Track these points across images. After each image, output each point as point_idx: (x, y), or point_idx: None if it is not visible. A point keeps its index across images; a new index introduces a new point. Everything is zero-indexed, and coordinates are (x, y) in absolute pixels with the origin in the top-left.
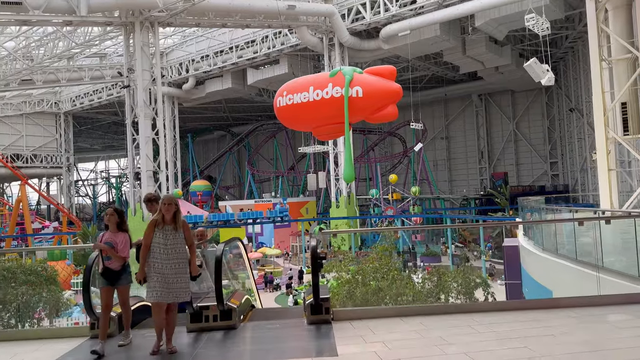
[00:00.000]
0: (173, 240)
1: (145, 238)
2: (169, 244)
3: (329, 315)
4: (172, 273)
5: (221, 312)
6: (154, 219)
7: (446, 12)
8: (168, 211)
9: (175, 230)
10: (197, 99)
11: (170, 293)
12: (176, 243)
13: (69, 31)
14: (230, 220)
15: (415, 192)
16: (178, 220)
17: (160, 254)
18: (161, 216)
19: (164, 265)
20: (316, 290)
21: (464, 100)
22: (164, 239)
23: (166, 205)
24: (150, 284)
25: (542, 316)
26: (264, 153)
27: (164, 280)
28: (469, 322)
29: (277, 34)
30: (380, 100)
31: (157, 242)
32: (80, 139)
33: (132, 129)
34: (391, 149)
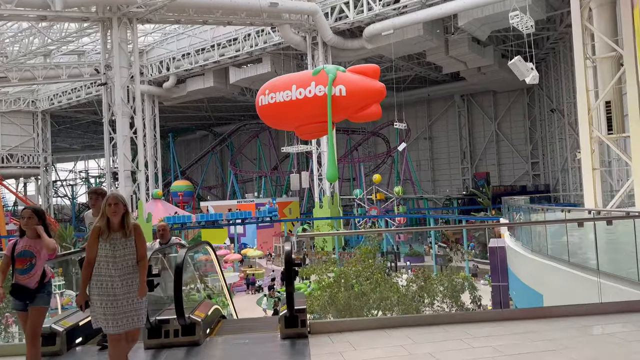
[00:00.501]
0: (123, 250)
1: (88, 251)
2: (119, 256)
3: (305, 329)
4: (124, 292)
5: (183, 327)
6: (97, 225)
7: (429, 11)
8: (115, 213)
9: (125, 238)
10: (178, 97)
11: (123, 319)
12: (127, 254)
13: (44, 27)
14: (219, 220)
15: (399, 192)
16: (128, 224)
17: (108, 269)
18: (106, 221)
19: (114, 284)
20: (290, 301)
21: (447, 101)
22: (111, 250)
23: (112, 206)
24: (96, 309)
25: (540, 327)
26: (247, 153)
27: (114, 304)
28: (460, 334)
29: (259, 32)
30: (364, 99)
31: (104, 254)
32: (59, 138)
33: (109, 128)
34: (375, 148)
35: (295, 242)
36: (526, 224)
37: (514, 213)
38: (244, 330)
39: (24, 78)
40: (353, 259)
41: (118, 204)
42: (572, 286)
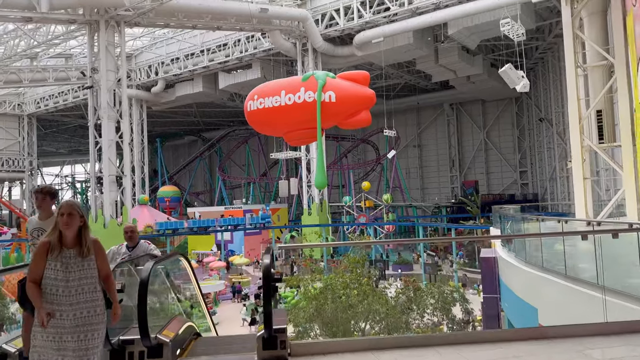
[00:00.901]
0: (78, 272)
1: (32, 270)
2: (72, 280)
3: (285, 351)
4: (74, 325)
5: (149, 348)
6: (46, 240)
7: (419, 20)
8: (68, 226)
9: (81, 257)
10: (166, 102)
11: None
12: (83, 277)
13: (30, 29)
14: (211, 226)
15: (388, 199)
16: (86, 240)
17: (56, 296)
18: (58, 235)
19: (63, 314)
20: (268, 320)
21: (436, 109)
22: (63, 271)
23: (65, 216)
24: (38, 342)
25: (547, 350)
26: (235, 159)
27: (62, 338)
28: (454, 357)
29: (249, 38)
30: (354, 106)
31: (52, 276)
32: (46, 142)
33: (94, 132)
34: (364, 156)
35: (276, 253)
36: (523, 236)
37: (506, 222)
38: (218, 351)
39: (10, 81)
40: (340, 268)
41: (73, 215)
42: (569, 300)
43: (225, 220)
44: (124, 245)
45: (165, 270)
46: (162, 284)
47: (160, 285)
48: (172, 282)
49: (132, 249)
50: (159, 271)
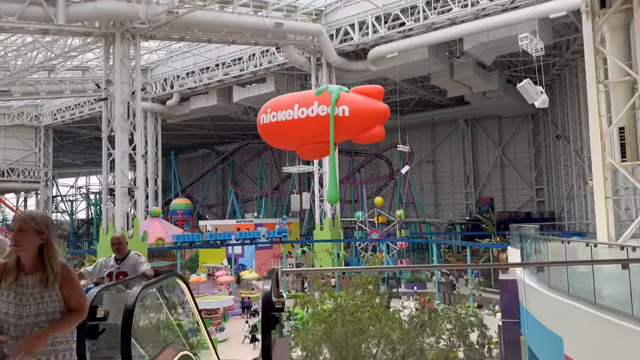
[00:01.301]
0: (36, 307)
1: None
2: (26, 315)
3: None
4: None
5: None
6: (1, 262)
7: (434, 35)
8: (20, 246)
9: (40, 286)
10: (181, 115)
11: None
12: (41, 312)
13: (48, 42)
14: (228, 239)
15: (401, 215)
16: (51, 263)
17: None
18: (16, 257)
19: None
20: (267, 356)
21: (451, 125)
22: (16, 304)
23: (18, 234)
24: None
25: None
26: (248, 172)
27: None
28: None
29: (264, 52)
30: (367, 120)
31: (4, 310)
32: (62, 153)
33: (107, 144)
34: (377, 171)
35: (279, 277)
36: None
37: (526, 243)
38: None
39: (27, 92)
40: (350, 287)
41: (24, 232)
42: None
43: (241, 233)
44: (112, 257)
45: (159, 293)
46: (156, 308)
47: (152, 309)
48: (168, 305)
49: (121, 262)
50: (152, 294)
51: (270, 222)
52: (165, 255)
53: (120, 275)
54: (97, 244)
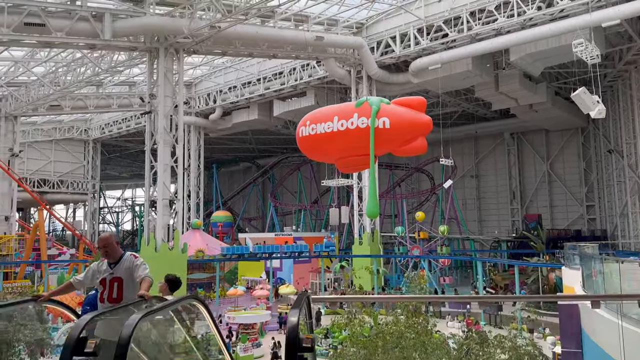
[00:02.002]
0: None
1: None
2: None
3: None
4: None
5: None
6: None
7: (479, 46)
8: None
9: None
10: (223, 129)
11: None
12: None
13: (95, 57)
14: (276, 252)
15: (444, 231)
16: None
17: None
18: None
19: None
20: None
21: (496, 138)
22: None
23: None
24: None
25: None
26: (288, 186)
27: None
28: None
29: (304, 66)
30: (409, 133)
31: None
32: (109, 166)
33: (150, 156)
34: (418, 185)
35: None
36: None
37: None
38: None
39: (77, 107)
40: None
41: None
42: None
43: (289, 247)
44: (105, 261)
45: (175, 316)
46: (169, 335)
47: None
48: (184, 334)
49: (115, 265)
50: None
51: (309, 235)
52: (205, 268)
53: (115, 282)
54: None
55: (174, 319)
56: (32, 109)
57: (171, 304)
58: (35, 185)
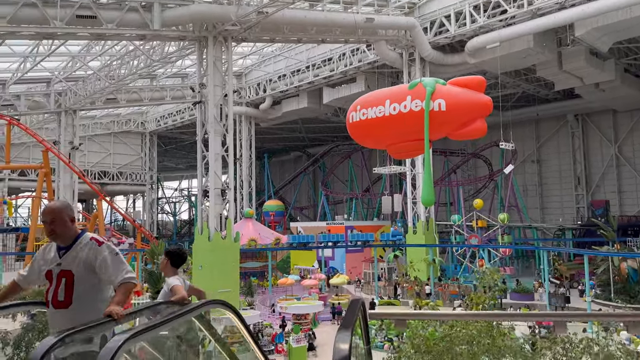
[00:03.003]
0: None
1: None
2: None
3: None
4: None
5: None
6: None
7: (541, 21)
8: None
9: None
10: (273, 118)
11: None
12: None
13: (147, 50)
14: (341, 241)
15: (504, 219)
16: None
17: None
18: None
19: None
20: None
21: (559, 121)
22: None
23: None
24: None
25: None
26: (338, 174)
27: None
28: None
29: (354, 51)
30: (466, 114)
31: None
32: (166, 158)
33: (202, 146)
34: (475, 172)
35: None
36: None
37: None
38: None
39: (132, 100)
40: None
41: None
42: None
43: (353, 235)
44: (54, 245)
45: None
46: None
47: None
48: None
49: (65, 252)
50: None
51: (360, 224)
52: (258, 257)
53: (63, 277)
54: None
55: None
56: (90, 103)
57: (177, 315)
58: (95, 177)
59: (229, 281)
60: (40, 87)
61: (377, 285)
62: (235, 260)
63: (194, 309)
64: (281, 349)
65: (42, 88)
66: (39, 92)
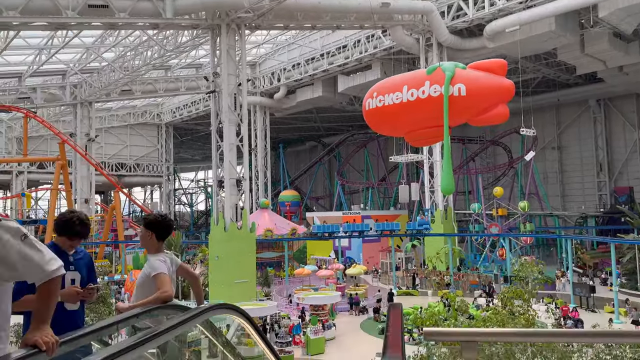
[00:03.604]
0: None
1: None
2: None
3: None
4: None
5: None
6: None
7: (563, 3)
8: None
9: None
10: (288, 108)
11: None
12: None
13: (160, 40)
14: (365, 231)
15: (524, 207)
16: None
17: None
18: None
19: None
20: None
21: (580, 106)
22: None
23: None
24: None
25: None
26: (354, 164)
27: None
28: None
29: (369, 37)
30: (487, 99)
31: None
32: (182, 149)
33: (216, 136)
34: (494, 159)
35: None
36: None
37: None
38: None
39: (147, 91)
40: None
41: None
42: None
43: (378, 225)
44: None
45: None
46: None
47: None
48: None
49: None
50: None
51: (377, 213)
52: (274, 247)
53: None
54: None
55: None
56: (105, 94)
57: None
58: (113, 168)
59: (246, 272)
60: (56, 79)
61: (394, 275)
62: (251, 251)
63: (196, 316)
64: (299, 341)
65: (58, 80)
66: (55, 84)
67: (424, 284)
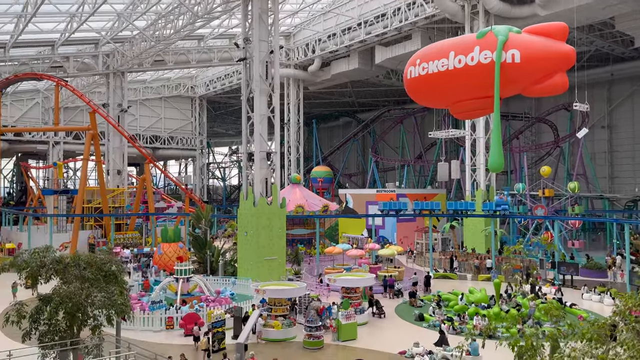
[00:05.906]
0: None
1: None
2: None
3: None
4: None
5: None
6: None
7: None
8: None
9: None
10: (322, 81)
11: None
12: None
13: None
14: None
15: (574, 188)
16: None
17: None
18: None
19: None
20: None
21: (634, 82)
22: None
23: None
24: None
25: None
26: (389, 140)
27: None
28: None
29: (410, 5)
30: (545, 67)
31: None
32: (216, 124)
33: (247, 107)
34: (538, 137)
35: None
36: None
37: None
38: None
39: (180, 61)
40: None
41: None
42: None
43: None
44: None
45: None
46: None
47: None
48: None
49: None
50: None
51: (412, 192)
52: (305, 224)
53: None
54: None
55: None
56: (137, 64)
57: None
58: (147, 141)
59: (275, 248)
60: (89, 48)
61: (431, 256)
62: (281, 227)
63: None
64: (330, 325)
65: (91, 49)
66: (87, 53)
67: (463, 267)
